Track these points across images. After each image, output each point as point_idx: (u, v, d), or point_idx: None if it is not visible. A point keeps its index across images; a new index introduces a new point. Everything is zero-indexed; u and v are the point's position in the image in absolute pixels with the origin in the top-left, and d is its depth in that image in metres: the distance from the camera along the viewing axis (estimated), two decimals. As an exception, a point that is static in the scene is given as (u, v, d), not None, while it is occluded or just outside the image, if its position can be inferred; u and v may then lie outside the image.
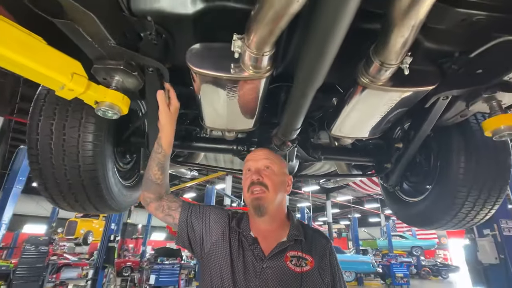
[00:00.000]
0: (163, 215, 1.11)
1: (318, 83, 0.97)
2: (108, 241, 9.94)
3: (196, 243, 1.08)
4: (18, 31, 0.78)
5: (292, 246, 1.04)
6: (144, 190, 1.13)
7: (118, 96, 0.98)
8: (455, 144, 1.53)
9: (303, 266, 1.01)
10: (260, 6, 0.72)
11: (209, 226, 1.09)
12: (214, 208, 1.17)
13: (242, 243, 1.05)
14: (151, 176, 1.11)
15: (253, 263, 0.99)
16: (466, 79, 1.10)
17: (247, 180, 1.10)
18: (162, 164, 1.12)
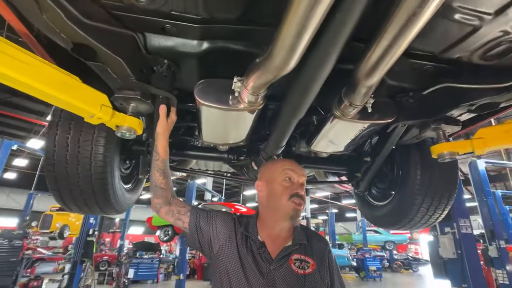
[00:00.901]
0: (173, 219, 1.18)
1: (301, 115, 1.21)
2: (87, 235, 9.80)
3: (205, 244, 1.15)
4: (59, 72, 0.95)
5: (296, 250, 1.12)
6: (153, 197, 1.19)
7: (135, 121, 1.17)
8: (413, 160, 1.83)
9: (306, 269, 1.08)
10: (264, 62, 0.93)
11: (216, 229, 1.16)
12: (220, 213, 1.24)
13: (250, 246, 1.11)
14: (155, 182, 1.18)
15: (261, 265, 1.06)
16: (419, 112, 1.38)
17: (289, 189, 1.15)
18: (162, 170, 1.19)
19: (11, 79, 0.83)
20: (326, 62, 0.90)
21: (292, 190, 1.14)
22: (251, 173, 2.04)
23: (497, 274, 7.13)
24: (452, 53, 1.06)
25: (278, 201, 1.15)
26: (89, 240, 9.74)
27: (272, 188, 1.18)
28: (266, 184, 1.21)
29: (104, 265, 15.04)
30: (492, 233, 7.37)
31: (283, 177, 1.17)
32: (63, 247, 17.22)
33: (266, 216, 1.19)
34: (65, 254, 13.37)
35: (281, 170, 1.19)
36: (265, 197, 1.20)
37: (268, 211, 1.19)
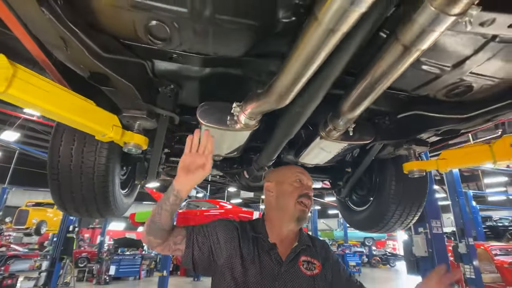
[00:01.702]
0: (170, 252, 1.11)
1: (292, 136, 1.36)
2: (67, 231, 9.60)
3: (205, 263, 1.09)
4: (76, 98, 1.05)
5: (304, 251, 1.14)
6: (150, 235, 1.05)
7: (141, 138, 1.28)
8: (388, 172, 2.04)
9: (313, 270, 1.10)
10: (263, 95, 1.07)
11: (218, 241, 1.11)
12: (221, 222, 1.18)
13: (258, 249, 1.10)
14: (162, 224, 1.03)
15: (272, 267, 1.06)
16: (394, 133, 1.56)
17: (299, 190, 1.17)
18: (174, 211, 1.06)
19: (37, 107, 0.92)
20: (317, 96, 1.05)
21: (301, 190, 1.18)
22: (242, 180, 2.18)
23: (465, 269, 7.67)
24: (421, 91, 1.24)
25: (287, 201, 1.17)
26: (69, 236, 9.55)
27: (282, 188, 1.20)
28: (275, 184, 1.23)
29: (83, 261, 14.76)
30: (462, 231, 7.89)
31: (294, 179, 1.20)
32: (38, 243, 16.71)
33: (274, 217, 1.19)
34: (42, 251, 12.98)
35: (292, 173, 1.23)
36: (274, 198, 1.22)
37: (277, 211, 1.20)
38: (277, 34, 0.94)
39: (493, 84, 1.13)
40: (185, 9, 0.82)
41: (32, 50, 1.01)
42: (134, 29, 0.92)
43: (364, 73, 0.95)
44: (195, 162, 1.03)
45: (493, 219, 15.28)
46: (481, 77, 1.09)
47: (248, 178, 2.04)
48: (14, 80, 0.84)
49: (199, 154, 1.03)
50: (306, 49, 0.76)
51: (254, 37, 0.93)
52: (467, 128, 1.39)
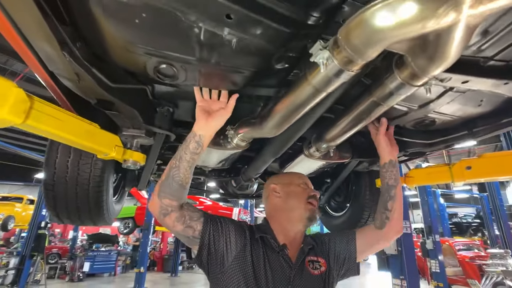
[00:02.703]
0: (183, 227, 1.00)
1: (278, 156, 1.50)
2: (38, 227, 9.27)
3: (216, 262, 1.02)
4: (83, 122, 1.12)
5: (310, 251, 1.14)
6: (164, 197, 0.98)
7: (140, 156, 1.37)
8: (363, 182, 2.24)
9: (319, 268, 1.10)
10: (256, 124, 1.19)
11: (230, 241, 1.04)
12: (233, 222, 1.12)
13: (268, 250, 1.07)
14: (180, 179, 0.97)
15: (283, 271, 1.02)
16: (369, 152, 1.74)
17: (307, 191, 1.20)
18: (194, 164, 1.01)
19: (51, 134, 0.99)
20: (304, 128, 1.20)
21: (309, 192, 1.20)
22: (229, 188, 2.30)
23: (431, 264, 8.27)
24: (393, 123, 1.42)
25: (297, 202, 1.17)
26: (40, 233, 9.22)
27: (290, 189, 1.21)
28: (282, 187, 1.23)
29: (54, 258, 14.29)
30: (430, 228, 8.49)
31: (301, 181, 1.24)
32: (4, 239, 15.95)
33: (282, 217, 1.17)
34: (10, 248, 12.43)
35: (298, 177, 1.28)
36: (282, 199, 1.20)
37: (285, 212, 1.17)
38: (270, 75, 1.07)
39: (452, 119, 1.34)
40: (193, 57, 0.92)
41: (43, 79, 1.08)
42: (144, 68, 1.01)
43: (345, 114, 1.11)
44: (213, 106, 1.05)
45: (458, 216, 16.42)
46: (442, 115, 1.29)
47: (235, 187, 2.17)
48: (31, 112, 0.91)
49: (214, 100, 1.07)
50: (295, 100, 0.91)
51: (251, 77, 1.05)
52: (431, 151, 1.60)
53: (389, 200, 1.20)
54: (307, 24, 0.79)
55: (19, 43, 0.89)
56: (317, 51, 0.72)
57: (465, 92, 1.11)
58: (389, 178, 1.23)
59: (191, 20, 0.77)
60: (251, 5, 0.72)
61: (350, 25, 0.65)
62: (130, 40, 0.87)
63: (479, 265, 8.63)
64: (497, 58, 0.97)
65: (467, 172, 1.54)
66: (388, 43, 0.64)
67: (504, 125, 1.31)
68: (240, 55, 0.91)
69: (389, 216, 1.18)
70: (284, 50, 0.90)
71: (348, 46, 0.67)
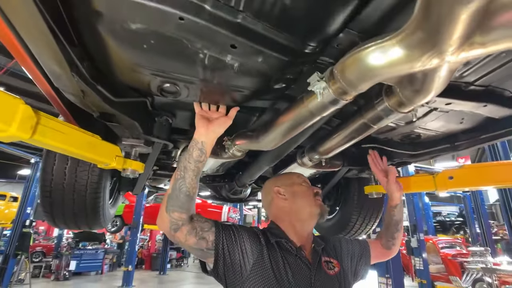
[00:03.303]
0: (196, 240, 0.95)
1: (273, 165, 1.57)
2: (23, 226, 9.09)
3: (234, 272, 0.97)
4: (85, 134, 1.15)
5: (323, 251, 1.13)
6: (173, 211, 0.94)
7: (139, 165, 1.40)
8: (352, 188, 2.34)
9: (334, 269, 1.09)
10: (253, 138, 1.25)
11: (246, 249, 1.00)
12: (244, 229, 1.08)
13: (285, 253, 1.04)
14: (188, 189, 0.95)
15: (303, 272, 1.01)
16: (358, 161, 1.83)
17: (311, 189, 1.20)
18: (199, 172, 1.00)
19: (56, 147, 1.02)
20: (299, 141, 1.27)
21: (313, 189, 1.21)
22: (223, 192, 2.35)
23: (415, 261, 8.55)
24: (382, 136, 1.51)
25: (305, 200, 1.16)
26: (25, 231, 9.05)
27: (294, 189, 1.19)
28: (286, 188, 1.20)
29: (38, 256, 14.01)
30: (415, 227, 8.77)
31: (302, 180, 1.23)
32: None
33: (293, 219, 1.15)
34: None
35: (297, 176, 1.26)
36: (289, 200, 1.17)
37: (296, 213, 1.15)
38: (268, 92, 1.13)
39: (436, 134, 1.43)
40: (197, 78, 0.97)
41: (46, 93, 1.10)
42: (148, 85, 1.05)
43: (338, 130, 1.19)
44: (212, 115, 1.09)
45: (442, 215, 16.94)
46: (427, 130, 1.38)
47: (229, 191, 2.22)
48: (37, 127, 0.94)
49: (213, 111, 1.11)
50: (292, 120, 0.98)
51: (250, 95, 1.11)
52: (415, 161, 1.70)
53: (396, 232, 1.34)
54: (304, 52, 0.85)
55: (27, 60, 0.91)
56: (315, 82, 0.78)
57: (448, 112, 1.20)
58: (398, 215, 1.36)
59: (198, 47, 0.81)
60: (254, 37, 0.78)
61: (346, 62, 0.71)
62: (137, 62, 0.91)
63: (461, 262, 8.94)
64: (477, 83, 1.06)
65: (449, 181, 1.64)
66: (379, 79, 0.71)
67: (483, 140, 1.41)
68: (240, 77, 0.96)
69: (395, 243, 1.34)
70: (282, 73, 0.96)
71: (343, 80, 0.73)
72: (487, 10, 0.50)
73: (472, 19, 0.50)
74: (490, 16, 0.51)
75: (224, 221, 10.05)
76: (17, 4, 0.68)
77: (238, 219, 11.40)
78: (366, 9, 0.72)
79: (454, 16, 0.50)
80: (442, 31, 0.54)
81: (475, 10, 0.48)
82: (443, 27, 0.53)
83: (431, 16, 0.53)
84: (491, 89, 1.10)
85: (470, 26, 0.52)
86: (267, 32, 0.78)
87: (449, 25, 0.52)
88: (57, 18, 0.75)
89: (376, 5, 0.70)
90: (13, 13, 0.71)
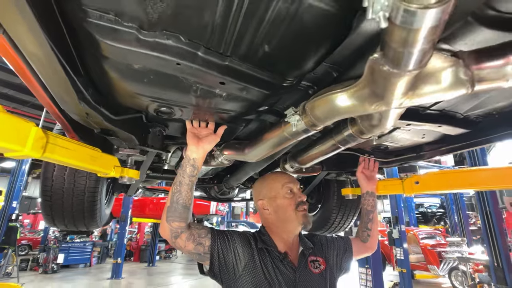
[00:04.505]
0: (194, 245, 1.08)
1: (258, 171, 1.73)
2: (8, 220, 9.03)
3: (228, 272, 1.09)
4: (87, 148, 1.27)
5: (310, 253, 1.21)
6: (173, 221, 1.06)
7: (135, 172, 1.53)
8: (332, 188, 2.54)
9: (320, 267, 1.18)
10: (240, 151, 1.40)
11: (238, 252, 1.12)
12: (237, 234, 1.19)
13: (273, 258, 1.13)
14: (184, 201, 1.07)
15: (289, 275, 1.10)
16: (336, 165, 2.01)
17: (293, 200, 1.22)
18: (193, 185, 1.10)
19: (62, 162, 1.14)
20: (283, 151, 1.42)
21: (296, 200, 1.23)
22: (212, 192, 2.51)
23: (396, 251, 8.96)
24: (357, 146, 1.69)
25: (288, 214, 1.21)
26: (11, 225, 9.00)
27: (277, 204, 1.23)
28: (269, 201, 1.26)
29: (25, 249, 13.90)
30: (396, 219, 9.16)
31: (285, 191, 1.24)
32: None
33: (279, 229, 1.22)
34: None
35: (281, 185, 1.26)
36: (272, 213, 1.24)
37: (280, 224, 1.22)
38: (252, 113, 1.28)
39: (402, 146, 1.62)
40: (189, 103, 1.10)
41: (52, 113, 1.22)
42: (147, 108, 1.18)
43: (313, 145, 1.35)
44: (202, 132, 1.18)
45: (424, 206, 17.60)
46: (393, 143, 1.56)
47: (218, 192, 2.38)
48: (47, 146, 1.06)
49: (203, 127, 1.21)
50: (272, 140, 1.14)
51: (236, 116, 1.25)
52: (387, 167, 1.90)
53: (369, 222, 1.45)
54: (284, 85, 1.00)
55: (37, 88, 1.03)
56: (290, 115, 0.94)
57: (410, 130, 1.38)
58: (367, 205, 1.49)
59: (191, 83, 0.95)
60: (239, 75, 0.92)
61: (315, 103, 0.86)
62: (137, 92, 1.04)
63: (439, 252, 9.31)
64: (433, 108, 1.24)
65: (415, 186, 1.84)
66: (340, 117, 0.87)
67: (443, 152, 1.61)
68: (228, 103, 1.11)
69: (370, 234, 1.44)
70: (264, 101, 1.10)
71: (312, 115, 0.89)
72: (416, 77, 0.66)
73: (406, 84, 0.66)
74: (418, 80, 0.68)
75: (212, 213, 10.24)
76: (35, 47, 0.79)
77: (227, 211, 11.60)
78: (337, 49, 0.86)
79: (391, 83, 0.66)
80: (384, 90, 0.69)
81: (407, 79, 0.64)
82: (384, 89, 0.68)
83: (375, 79, 0.68)
84: (444, 113, 1.28)
85: (406, 87, 0.68)
86: (251, 71, 0.92)
87: (389, 88, 0.68)
88: (69, 58, 0.87)
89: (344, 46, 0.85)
90: (31, 54, 0.83)
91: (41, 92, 1.05)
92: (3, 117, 0.85)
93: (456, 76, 0.68)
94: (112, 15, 0.72)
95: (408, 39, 0.53)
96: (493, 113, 1.33)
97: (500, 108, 1.29)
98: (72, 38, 0.81)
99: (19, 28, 0.67)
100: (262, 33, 0.76)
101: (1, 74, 9.14)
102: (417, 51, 0.56)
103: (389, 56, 0.60)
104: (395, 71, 0.63)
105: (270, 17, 0.71)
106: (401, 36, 0.53)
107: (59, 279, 9.74)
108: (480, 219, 6.84)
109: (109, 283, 9.11)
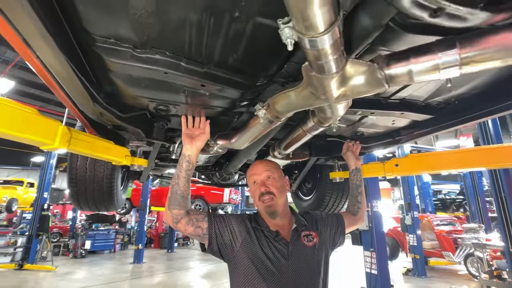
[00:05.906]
0: (193, 228, 1.20)
1: (251, 157, 1.97)
2: (41, 209, 9.80)
3: (226, 248, 1.21)
4: (102, 142, 1.55)
5: (303, 229, 1.28)
6: (173, 208, 1.18)
7: (143, 161, 1.81)
8: (324, 172, 2.74)
9: (312, 240, 1.26)
10: (230, 139, 1.64)
11: (234, 230, 1.23)
12: (232, 215, 1.30)
13: (267, 237, 1.22)
14: (181, 191, 1.18)
15: (282, 250, 1.19)
16: (325, 151, 2.21)
17: (256, 191, 1.28)
18: (190, 177, 1.22)
19: (84, 153, 1.42)
20: (266, 140, 1.65)
21: (258, 191, 1.28)
22: (214, 178, 2.78)
23: (409, 238, 9.00)
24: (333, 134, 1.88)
25: (255, 203, 1.31)
26: (44, 214, 9.76)
27: (250, 189, 1.35)
28: (249, 185, 1.36)
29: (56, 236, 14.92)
30: (409, 206, 9.17)
31: (251, 182, 1.33)
32: (6, 220, 16.58)
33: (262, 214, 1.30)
34: (15, 228, 13.02)
35: (249, 178, 1.36)
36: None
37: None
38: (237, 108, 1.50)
39: (379, 132, 1.80)
40: (181, 102, 1.35)
41: (74, 113, 1.50)
42: (147, 106, 1.43)
43: (289, 134, 1.57)
44: (195, 132, 1.29)
45: (442, 193, 17.23)
46: (369, 129, 1.75)
47: (219, 178, 2.65)
48: (71, 140, 1.34)
49: (196, 128, 1.31)
50: (250, 131, 1.36)
51: (222, 111, 1.49)
52: (368, 152, 2.08)
53: (358, 195, 1.57)
54: (257, 85, 1.22)
55: (62, 95, 1.30)
56: (258, 110, 1.16)
57: (377, 117, 1.56)
58: (355, 180, 1.62)
59: (180, 85, 1.19)
60: (216, 79, 1.15)
61: (275, 99, 1.09)
62: (138, 94, 1.30)
63: (455, 238, 9.12)
64: (393, 98, 1.42)
65: (395, 168, 2.02)
66: (297, 110, 1.08)
67: (416, 136, 1.78)
68: (212, 100, 1.34)
69: (360, 207, 1.55)
70: (243, 97, 1.33)
71: (274, 109, 1.11)
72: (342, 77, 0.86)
73: (336, 84, 0.87)
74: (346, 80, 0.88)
75: (225, 201, 10.64)
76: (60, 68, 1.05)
77: (240, 200, 11.93)
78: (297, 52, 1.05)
79: (322, 83, 0.87)
80: (319, 88, 0.91)
81: (335, 80, 0.85)
82: (319, 87, 0.90)
83: (311, 81, 0.90)
84: (405, 101, 1.46)
85: (337, 86, 0.89)
86: (226, 75, 1.15)
87: (323, 87, 0.89)
88: (84, 72, 1.13)
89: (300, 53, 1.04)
90: (58, 72, 1.09)
91: (65, 98, 1.33)
92: (38, 119, 1.13)
93: (373, 76, 0.87)
94: (113, 40, 0.96)
95: (320, 55, 0.74)
96: (452, 99, 1.49)
97: (458, 95, 1.45)
98: (85, 57, 1.07)
99: (48, 55, 0.93)
100: (228, 46, 0.99)
101: (26, 75, 9.75)
102: (330, 60, 0.77)
103: (313, 66, 0.82)
104: (322, 76, 0.84)
105: (231, 34, 0.93)
106: (314, 54, 0.74)
107: (88, 263, 10.51)
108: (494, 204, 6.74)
109: (131, 267, 9.76)
